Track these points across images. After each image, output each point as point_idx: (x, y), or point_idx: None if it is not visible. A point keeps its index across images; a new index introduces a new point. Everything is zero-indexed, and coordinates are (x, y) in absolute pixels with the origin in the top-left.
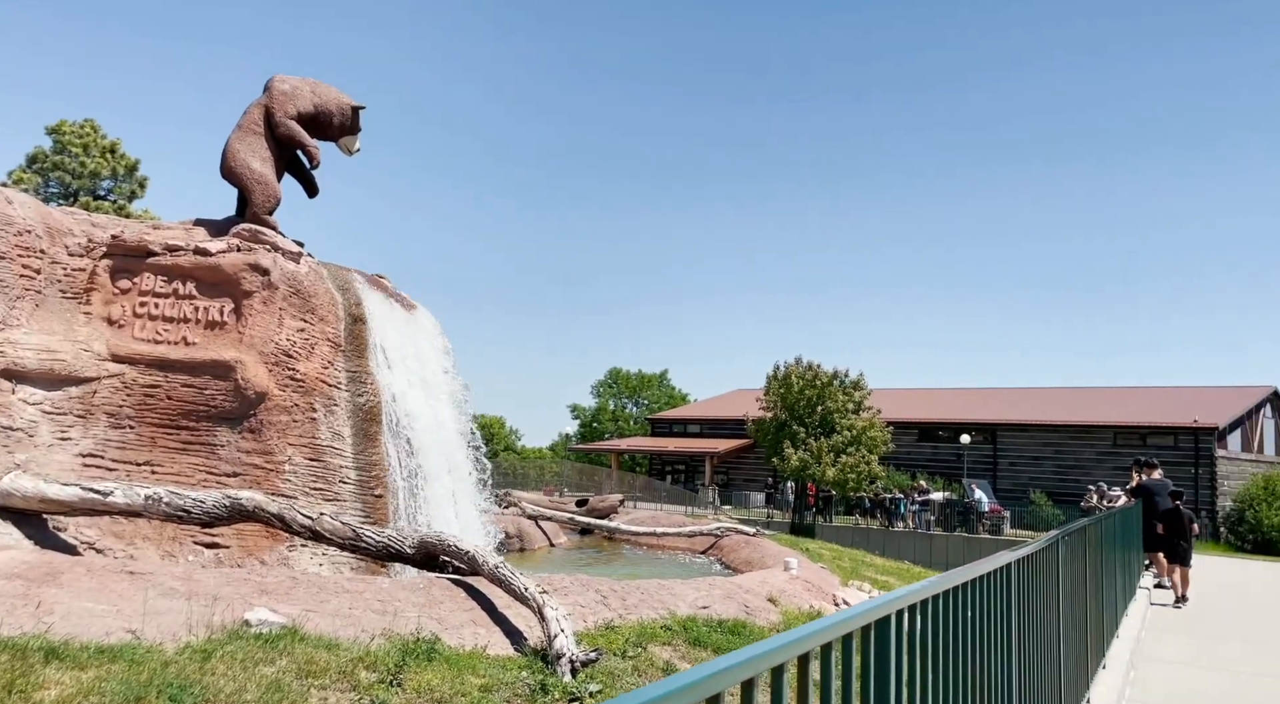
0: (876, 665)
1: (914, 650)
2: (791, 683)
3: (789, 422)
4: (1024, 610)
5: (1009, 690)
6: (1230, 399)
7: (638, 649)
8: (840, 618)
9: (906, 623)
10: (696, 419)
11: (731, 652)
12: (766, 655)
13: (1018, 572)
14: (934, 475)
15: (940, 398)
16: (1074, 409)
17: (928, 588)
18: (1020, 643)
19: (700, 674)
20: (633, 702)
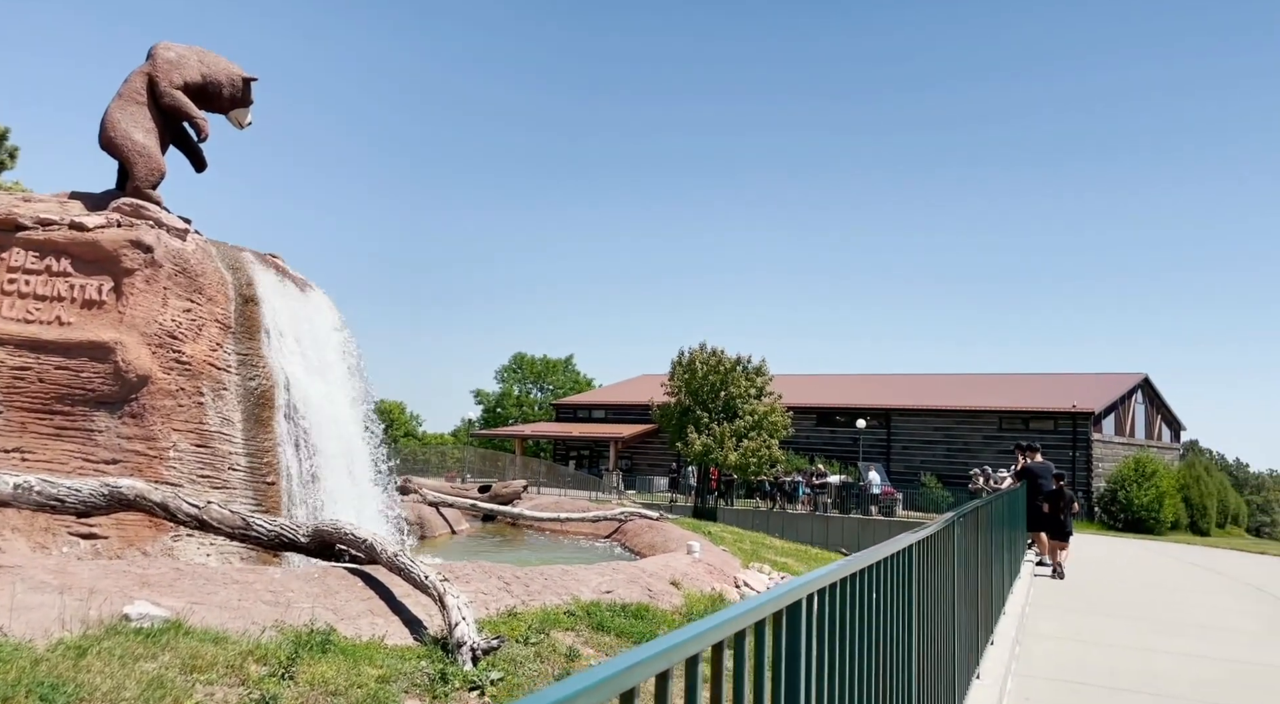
0: (788, 650)
1: (823, 634)
2: (705, 672)
3: (693, 407)
4: (924, 590)
5: (910, 668)
6: (1105, 385)
7: (540, 635)
8: (753, 605)
9: (816, 607)
10: (602, 404)
11: (645, 643)
12: (681, 646)
13: (918, 553)
14: (831, 459)
15: (838, 383)
16: (963, 395)
17: (836, 571)
18: (921, 622)
19: (613, 668)
20: (545, 700)
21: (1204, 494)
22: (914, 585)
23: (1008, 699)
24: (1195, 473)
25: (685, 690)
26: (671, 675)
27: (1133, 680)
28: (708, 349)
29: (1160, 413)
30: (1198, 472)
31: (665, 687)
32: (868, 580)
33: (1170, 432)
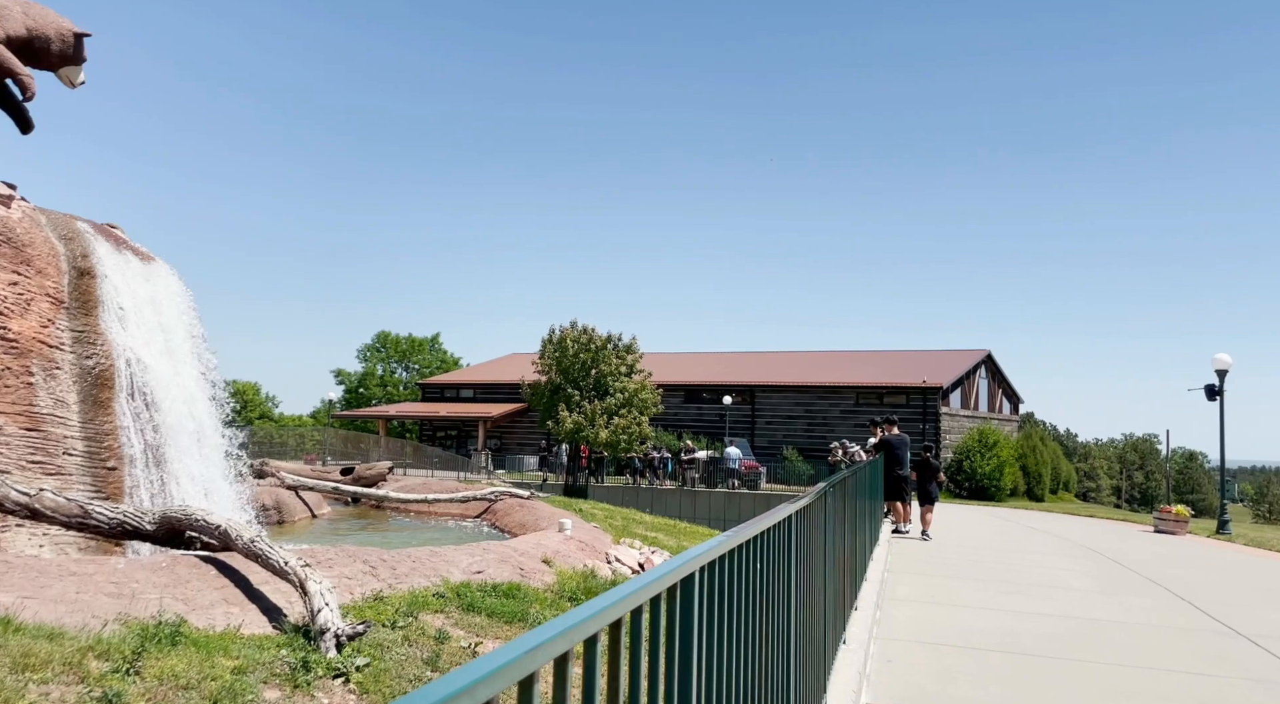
0: (682, 624)
1: (713, 606)
2: (604, 652)
3: (564, 385)
4: (801, 560)
5: (790, 636)
6: (952, 362)
7: (409, 619)
8: (649, 579)
9: (706, 579)
10: (470, 383)
11: (543, 625)
12: (580, 625)
13: (796, 523)
14: (699, 435)
15: (705, 362)
16: (822, 371)
17: (725, 543)
18: (798, 590)
19: (510, 654)
20: (437, 691)
21: (1039, 463)
22: (793, 555)
23: (872, 662)
24: (1032, 443)
25: (584, 670)
26: (571, 656)
27: (983, 639)
28: (579, 327)
29: (1001, 387)
30: (1034, 442)
31: (564, 669)
32: (752, 551)
33: (1010, 405)
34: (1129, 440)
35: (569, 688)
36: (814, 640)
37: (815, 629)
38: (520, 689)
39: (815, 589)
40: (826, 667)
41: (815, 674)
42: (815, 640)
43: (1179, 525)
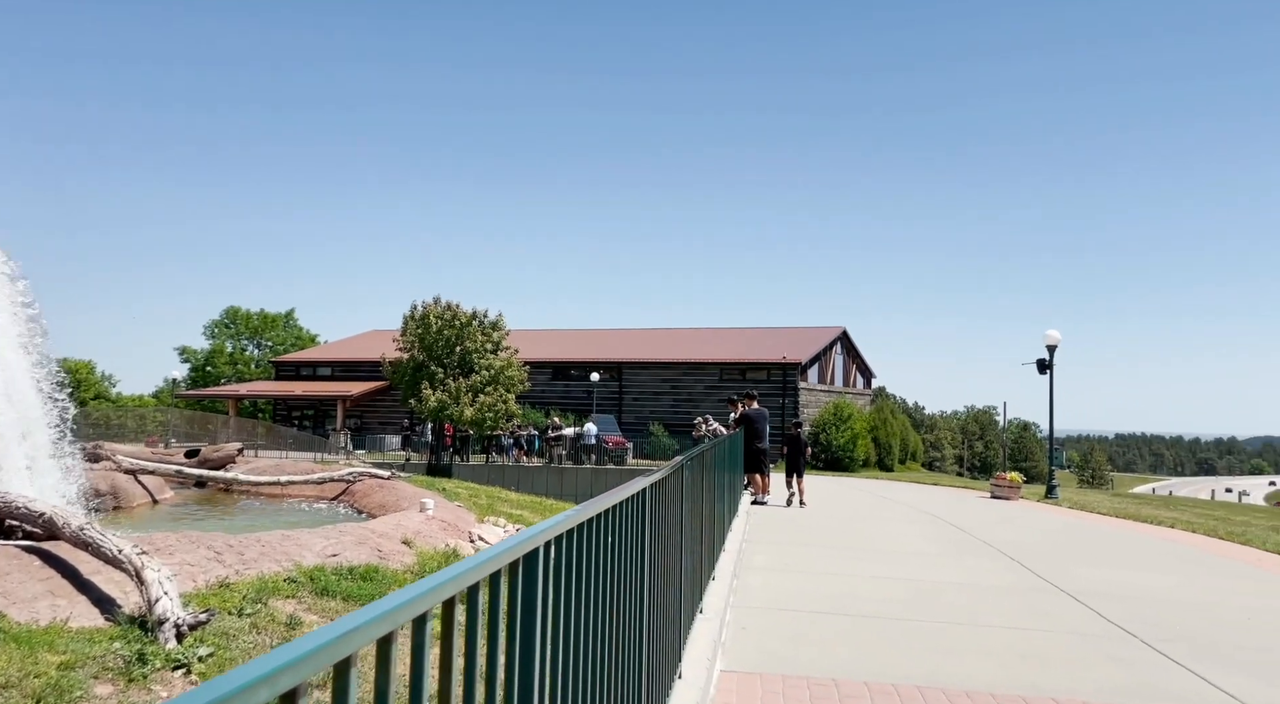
0: (524, 600)
1: (559, 581)
2: (436, 631)
3: (427, 362)
4: (657, 533)
5: (643, 609)
6: (810, 338)
7: (257, 605)
8: (488, 556)
9: (554, 554)
10: (327, 361)
11: (364, 606)
12: (407, 605)
13: (651, 497)
14: (567, 411)
15: (573, 338)
16: (687, 348)
17: (573, 517)
18: (654, 564)
19: (323, 638)
20: (241, 678)
21: (889, 435)
22: (647, 528)
23: (727, 630)
24: (883, 416)
25: (412, 651)
26: (396, 639)
27: (833, 604)
28: (442, 303)
29: (855, 363)
30: (885, 415)
31: (388, 652)
32: (603, 525)
33: (864, 379)
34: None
35: (393, 670)
36: (670, 612)
37: (671, 601)
38: (335, 674)
39: (671, 561)
40: (683, 637)
41: (671, 645)
42: (671, 612)
43: (1012, 491)
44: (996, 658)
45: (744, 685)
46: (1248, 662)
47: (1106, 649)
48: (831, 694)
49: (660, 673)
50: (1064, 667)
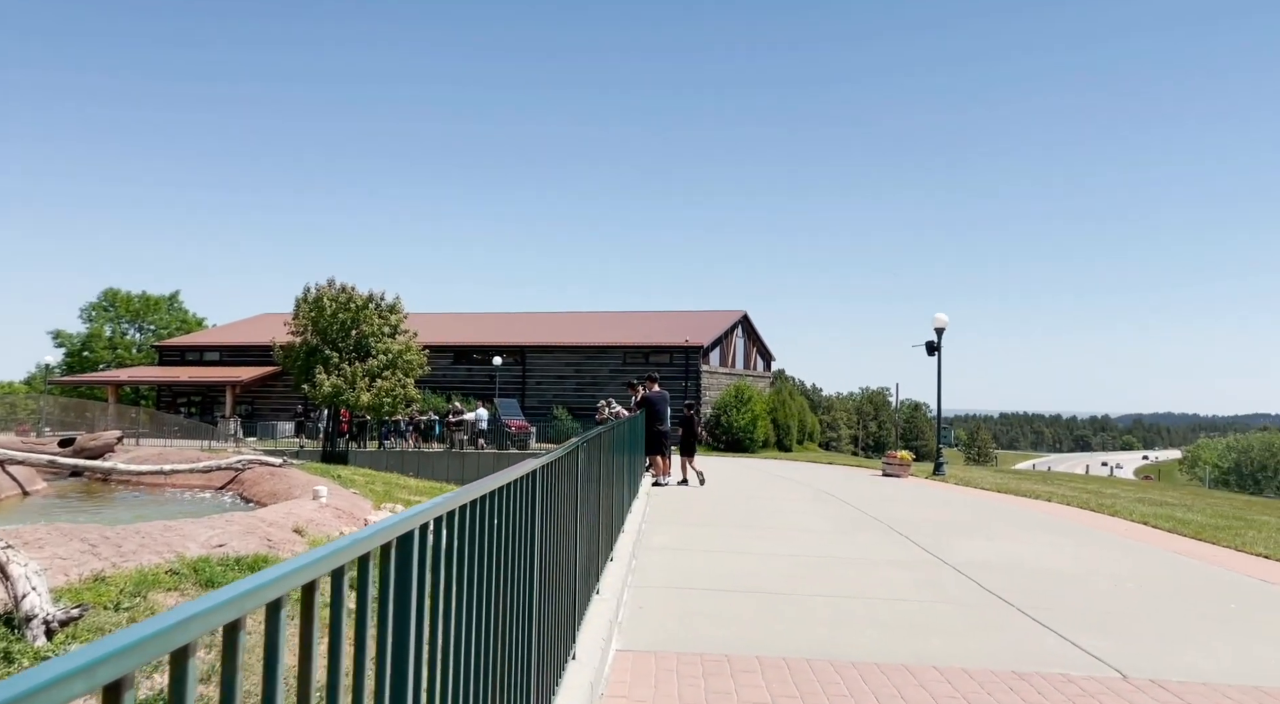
0: (398, 585)
1: (438, 562)
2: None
3: (321, 346)
4: (548, 515)
5: (532, 591)
6: (712, 322)
7: (135, 599)
8: (356, 538)
9: (430, 537)
10: (215, 346)
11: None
12: (258, 591)
13: (542, 478)
14: (469, 396)
15: (475, 322)
16: (591, 332)
17: (456, 498)
18: (544, 546)
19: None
20: (43, 673)
21: (788, 416)
22: (537, 511)
23: (625, 609)
24: (782, 397)
25: (265, 640)
26: (243, 626)
27: (729, 581)
28: (336, 285)
29: (756, 346)
30: (783, 396)
31: (235, 639)
32: (490, 507)
33: (764, 362)
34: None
35: (239, 658)
36: (564, 594)
37: (565, 583)
38: (173, 663)
39: (565, 543)
40: (578, 619)
41: (565, 627)
42: (565, 594)
43: (903, 469)
44: (884, 629)
45: (639, 664)
46: (1108, 624)
47: (985, 617)
48: (724, 669)
49: (553, 655)
50: (945, 636)
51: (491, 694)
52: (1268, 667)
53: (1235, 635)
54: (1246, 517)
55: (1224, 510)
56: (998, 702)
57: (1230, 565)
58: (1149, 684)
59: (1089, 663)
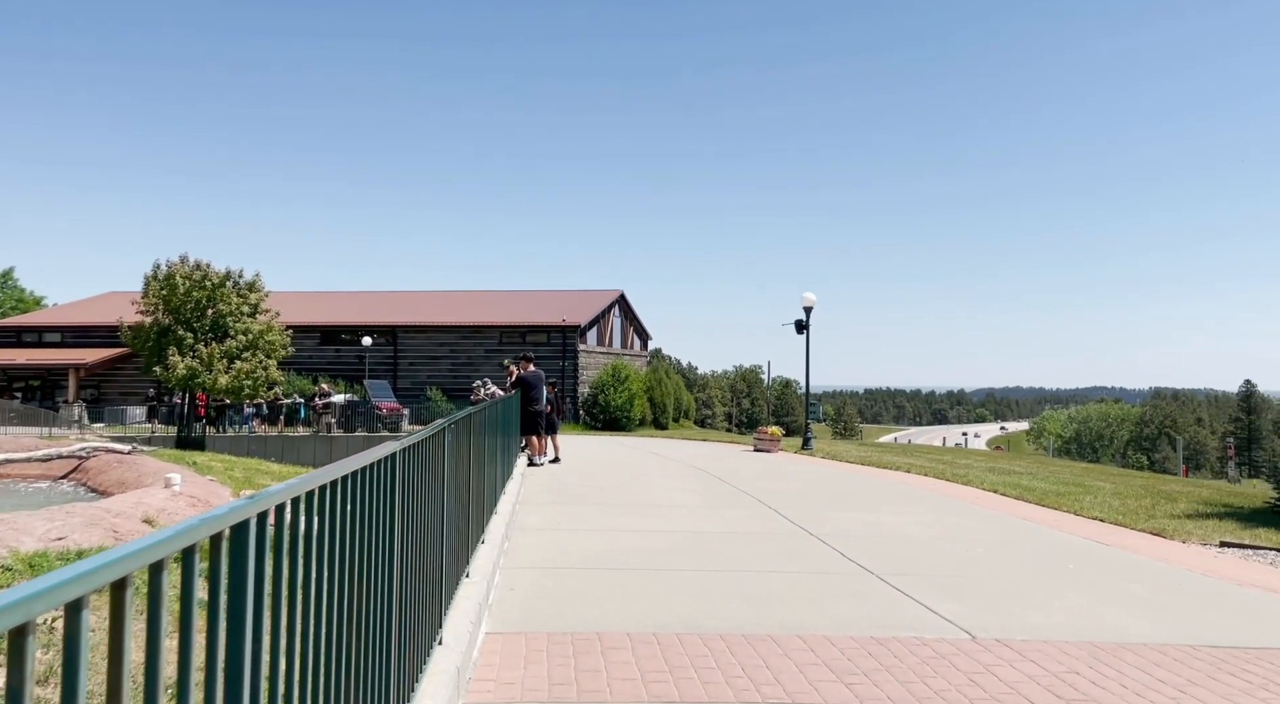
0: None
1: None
2: (92, 619)
3: (175, 326)
4: (410, 498)
5: (391, 577)
6: (589, 301)
7: None
8: (178, 530)
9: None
10: (57, 326)
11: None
12: (53, 591)
13: (403, 461)
14: (337, 378)
15: (343, 301)
16: (466, 311)
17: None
18: (406, 530)
19: None
20: None
21: (664, 394)
22: (397, 494)
23: (495, 591)
24: (658, 376)
25: (64, 643)
26: (31, 629)
27: (602, 559)
28: (190, 262)
29: (633, 325)
30: (660, 375)
31: (22, 645)
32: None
33: (640, 341)
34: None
35: (28, 666)
36: (430, 578)
37: (429, 567)
38: None
39: (431, 526)
40: (445, 603)
41: (431, 612)
42: (432, 578)
43: (773, 444)
44: (751, 600)
45: (508, 646)
46: (960, 588)
47: (846, 586)
48: (594, 647)
49: (418, 641)
50: (809, 605)
51: (346, 682)
52: (1099, 622)
53: (1072, 594)
54: (1084, 483)
55: (1064, 478)
56: (857, 667)
57: (1068, 528)
58: (995, 644)
59: (942, 625)
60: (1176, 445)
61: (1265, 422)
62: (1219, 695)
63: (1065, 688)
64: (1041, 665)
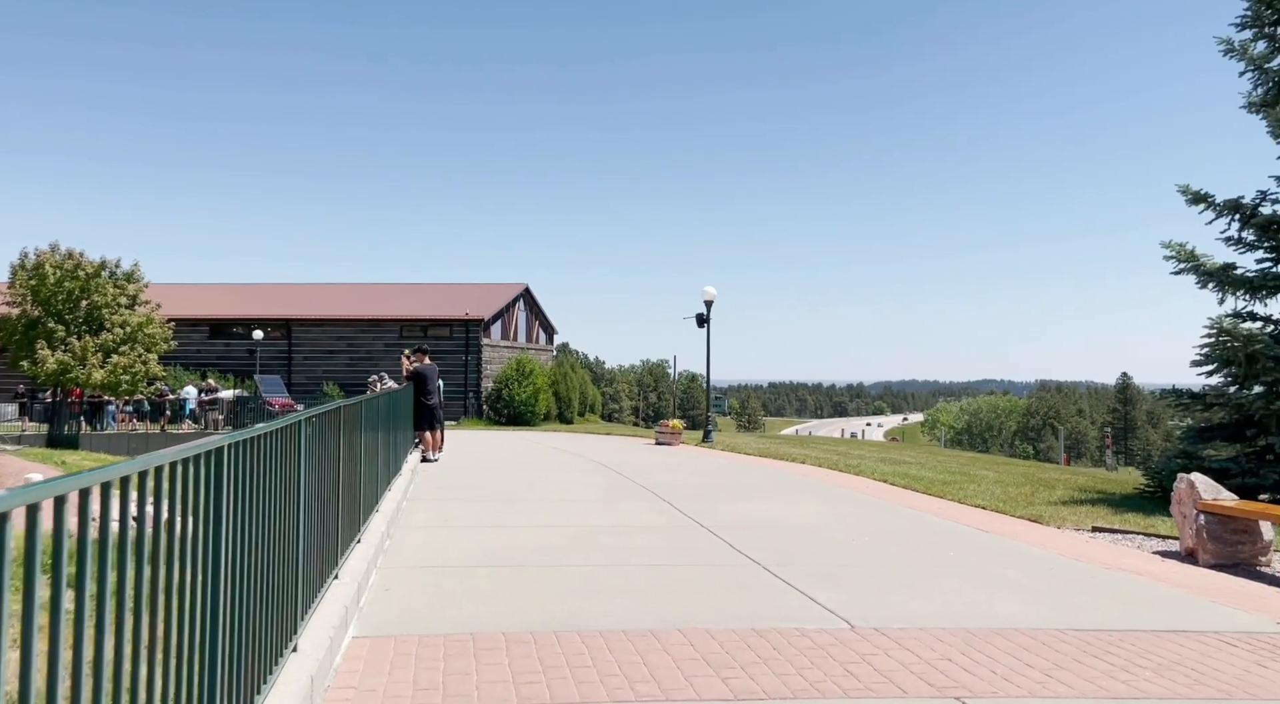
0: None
1: (86, 551)
2: None
3: (44, 318)
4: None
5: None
6: (494, 294)
7: None
8: None
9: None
10: None
11: None
12: None
13: (233, 457)
14: (227, 373)
15: (234, 293)
16: (365, 304)
17: (111, 472)
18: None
19: None
20: None
21: (570, 389)
22: (224, 494)
23: (370, 592)
24: (564, 370)
25: None
26: None
27: (489, 557)
28: (61, 251)
29: (538, 319)
30: (565, 369)
31: None
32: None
33: (546, 335)
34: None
35: None
36: (278, 583)
37: (282, 570)
38: None
39: (282, 527)
40: (303, 608)
41: (281, 619)
42: (281, 583)
43: (674, 437)
44: (636, 595)
45: (376, 650)
46: (843, 578)
47: (732, 578)
48: (467, 649)
49: (260, 651)
50: (694, 598)
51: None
52: (975, 609)
53: (950, 581)
54: (970, 472)
55: (951, 467)
56: (735, 660)
57: (952, 516)
58: (873, 633)
59: (822, 615)
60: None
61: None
62: (1083, 678)
63: (938, 675)
64: (916, 653)
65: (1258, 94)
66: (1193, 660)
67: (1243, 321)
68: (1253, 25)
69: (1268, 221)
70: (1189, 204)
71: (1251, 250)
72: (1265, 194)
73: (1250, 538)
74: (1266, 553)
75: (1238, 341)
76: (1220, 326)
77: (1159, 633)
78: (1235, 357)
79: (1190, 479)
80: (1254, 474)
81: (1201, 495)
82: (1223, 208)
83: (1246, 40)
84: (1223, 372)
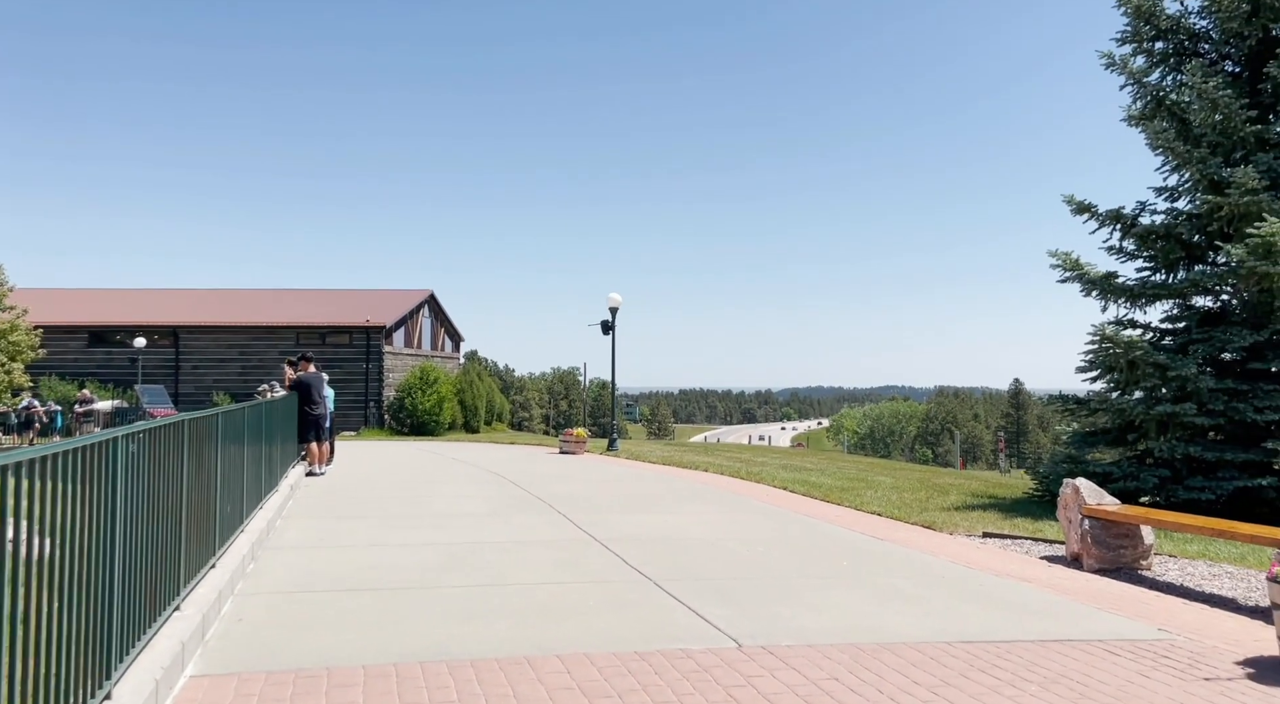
0: None
1: None
2: None
3: None
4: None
5: None
6: (396, 301)
7: None
8: None
9: None
10: None
11: None
12: None
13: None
14: (107, 383)
15: (116, 299)
16: (258, 311)
17: None
18: (33, 569)
19: None
20: None
21: (476, 397)
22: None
23: (219, 624)
24: (470, 379)
25: None
26: None
27: (361, 578)
28: None
29: (444, 326)
30: (471, 377)
31: None
32: None
33: (452, 343)
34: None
35: None
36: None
37: (99, 606)
38: None
39: (96, 556)
40: (126, 647)
41: (90, 664)
42: (94, 621)
43: (579, 445)
44: (515, 617)
45: (215, 690)
46: (734, 592)
47: (621, 595)
48: (319, 686)
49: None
50: (578, 619)
51: None
52: (865, 621)
53: (842, 592)
54: (868, 478)
55: (851, 473)
56: (613, 688)
57: (848, 524)
58: (760, 651)
59: (710, 634)
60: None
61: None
62: (969, 695)
63: (823, 697)
64: (802, 673)
65: (1137, 107)
66: (1078, 672)
67: (1124, 329)
68: (1132, 40)
69: (1147, 232)
70: (1074, 214)
71: (1132, 259)
72: (1145, 205)
73: (1132, 542)
74: (1148, 557)
75: (1119, 348)
76: (1103, 334)
77: (1046, 643)
78: (1117, 363)
79: (1075, 484)
80: (1135, 478)
81: (1086, 500)
82: (1105, 218)
83: (1126, 55)
84: (1106, 377)
